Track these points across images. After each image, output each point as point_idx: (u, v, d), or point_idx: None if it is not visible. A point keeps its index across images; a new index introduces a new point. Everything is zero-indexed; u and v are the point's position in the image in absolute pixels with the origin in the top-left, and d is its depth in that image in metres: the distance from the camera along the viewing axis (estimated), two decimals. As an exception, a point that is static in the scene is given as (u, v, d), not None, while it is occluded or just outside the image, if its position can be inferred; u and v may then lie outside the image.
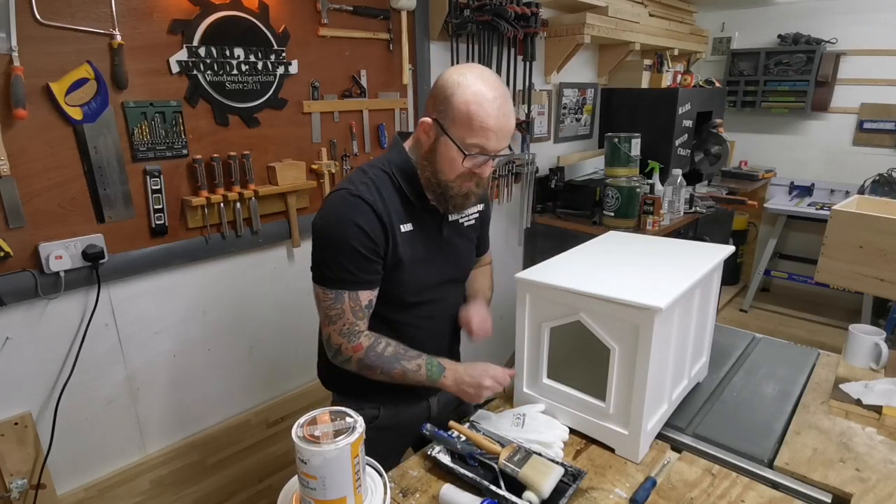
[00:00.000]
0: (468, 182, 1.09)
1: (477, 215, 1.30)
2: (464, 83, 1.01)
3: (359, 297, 1.09)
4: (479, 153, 1.04)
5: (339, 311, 1.08)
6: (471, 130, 1.01)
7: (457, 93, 1.01)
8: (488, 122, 1.00)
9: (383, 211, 1.08)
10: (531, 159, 2.78)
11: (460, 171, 1.06)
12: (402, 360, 1.11)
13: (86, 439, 1.60)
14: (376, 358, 1.10)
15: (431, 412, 1.32)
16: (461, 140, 1.03)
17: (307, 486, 0.79)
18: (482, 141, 1.02)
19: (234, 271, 1.84)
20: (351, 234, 1.05)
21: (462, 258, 1.27)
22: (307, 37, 1.82)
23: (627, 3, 2.94)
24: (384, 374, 1.11)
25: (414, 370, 1.11)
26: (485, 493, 0.97)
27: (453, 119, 1.02)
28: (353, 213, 1.05)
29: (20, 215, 1.36)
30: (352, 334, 1.09)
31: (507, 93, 1.05)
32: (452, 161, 1.05)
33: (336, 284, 1.08)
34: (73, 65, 1.37)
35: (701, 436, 1.16)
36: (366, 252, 1.06)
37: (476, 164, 1.06)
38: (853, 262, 1.65)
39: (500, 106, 1.02)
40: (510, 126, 1.05)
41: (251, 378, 1.97)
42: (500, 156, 1.08)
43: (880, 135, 3.55)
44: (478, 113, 1.00)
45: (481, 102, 1.00)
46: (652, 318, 0.97)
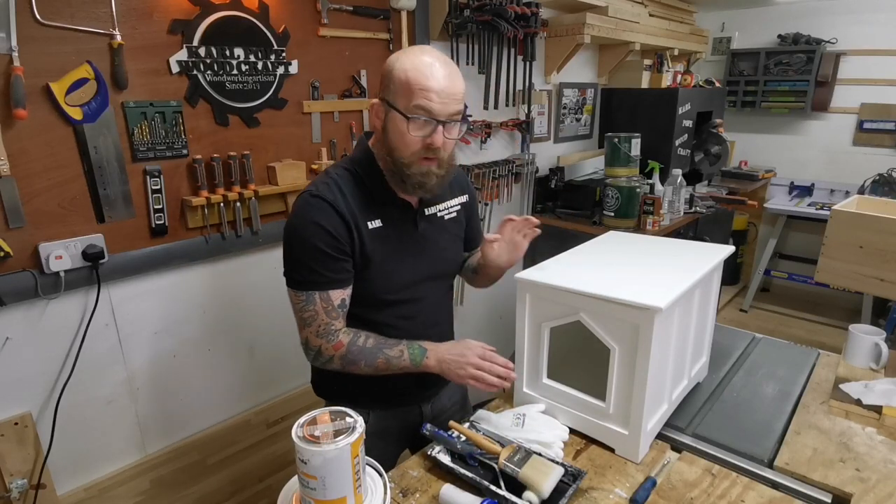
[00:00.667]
0: (425, 160, 1.05)
1: (459, 208, 1.27)
2: (402, 57, 1.03)
3: (330, 296, 1.08)
4: (423, 116, 1.01)
5: (313, 313, 1.08)
6: (411, 94, 1.00)
7: (395, 66, 1.02)
8: (428, 83, 0.99)
9: (345, 209, 1.06)
10: (531, 159, 2.78)
11: (412, 146, 1.03)
12: (384, 348, 1.10)
13: (86, 439, 1.60)
14: (358, 352, 1.09)
15: (425, 418, 1.31)
16: (404, 107, 1.01)
17: (307, 486, 0.79)
18: (423, 102, 1.00)
19: (234, 271, 1.84)
20: (313, 234, 1.05)
21: (444, 254, 1.24)
22: (307, 37, 1.82)
23: (627, 3, 2.94)
24: (368, 366, 1.10)
25: (396, 356, 1.10)
26: (485, 493, 0.97)
27: (395, 90, 1.02)
28: (314, 214, 1.05)
29: (20, 215, 1.36)
30: (329, 333, 1.09)
31: (448, 60, 1.04)
32: (402, 134, 1.03)
33: (306, 286, 1.07)
34: (73, 65, 1.37)
35: (701, 436, 1.16)
36: (330, 251, 1.05)
37: (425, 132, 1.02)
38: (853, 262, 1.65)
39: (440, 68, 1.01)
40: (455, 89, 1.02)
41: (251, 378, 1.97)
42: (450, 121, 1.04)
43: (880, 135, 3.55)
44: (416, 77, 0.99)
45: (418, 66, 1.00)
46: (652, 318, 0.97)
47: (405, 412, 1.28)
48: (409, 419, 1.29)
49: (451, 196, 1.25)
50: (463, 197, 1.28)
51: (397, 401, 1.25)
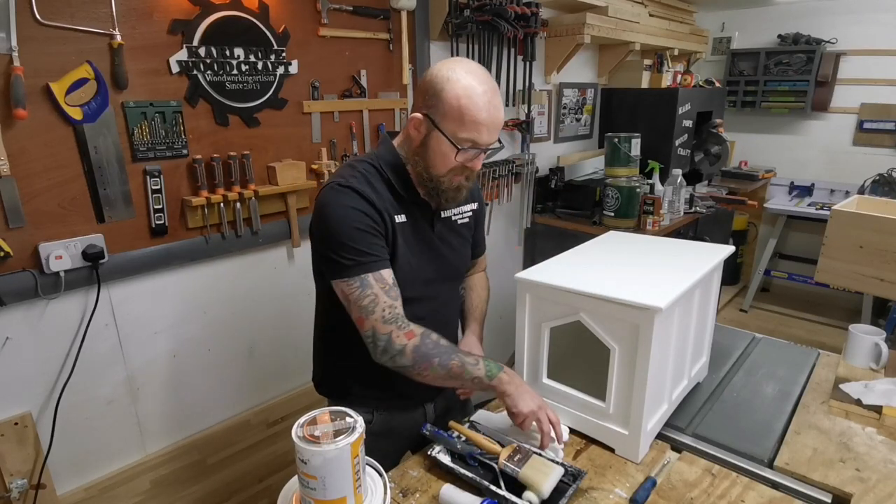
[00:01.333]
0: (459, 176, 1.09)
1: (471, 213, 1.29)
2: (453, 78, 1.01)
3: (383, 275, 1.04)
4: (470, 147, 1.04)
5: (373, 297, 1.02)
6: (462, 125, 1.01)
7: (447, 87, 1.01)
8: (480, 115, 1.00)
9: (375, 199, 1.07)
10: (531, 159, 2.78)
11: (452, 166, 1.06)
12: (459, 352, 1.07)
13: (86, 439, 1.60)
14: (433, 346, 1.05)
15: (428, 418, 1.31)
16: (453, 135, 1.02)
17: (307, 486, 0.79)
18: (474, 135, 1.02)
19: (234, 271, 1.84)
20: (350, 217, 1.04)
21: (455, 256, 1.25)
22: (307, 37, 1.82)
23: (627, 3, 2.94)
24: (441, 366, 1.04)
25: (472, 363, 1.06)
26: (485, 493, 0.97)
27: (444, 114, 1.02)
28: (347, 200, 1.05)
29: (20, 215, 1.36)
30: (397, 319, 1.04)
31: (495, 86, 1.05)
32: (444, 156, 1.05)
33: (355, 270, 1.03)
34: (73, 65, 1.37)
35: (701, 436, 1.16)
36: (369, 230, 1.04)
37: (468, 158, 1.06)
38: (853, 262, 1.65)
39: (491, 99, 1.01)
40: (500, 119, 1.05)
41: (251, 378, 1.97)
42: (490, 149, 1.08)
43: (880, 135, 3.55)
44: (469, 107, 1.00)
45: (472, 97, 1.00)
46: (652, 318, 0.97)
47: (409, 412, 1.28)
48: (413, 419, 1.28)
49: (466, 202, 1.26)
50: (474, 204, 1.30)
51: (400, 401, 1.24)
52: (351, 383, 1.22)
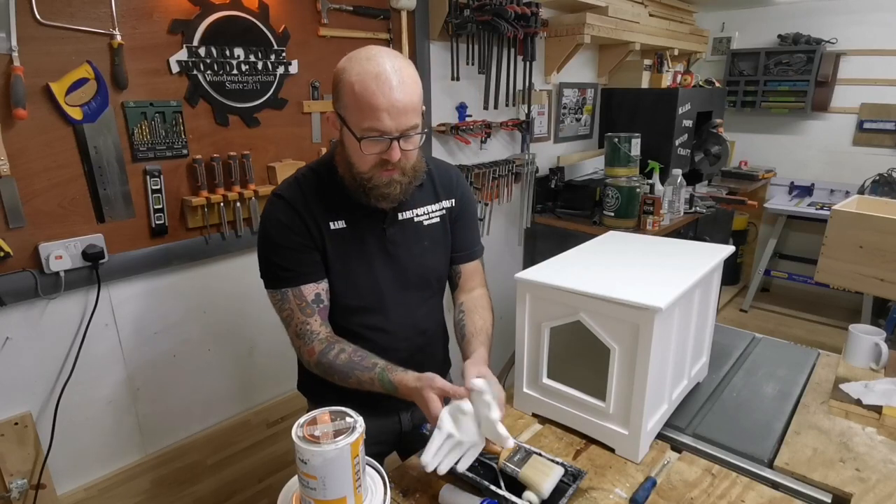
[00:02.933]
0: (386, 171, 1.01)
1: (443, 212, 1.20)
2: (349, 67, 0.95)
3: (301, 292, 1.07)
4: (375, 136, 0.96)
5: (289, 312, 1.08)
6: (361, 113, 0.95)
7: (342, 78, 0.96)
8: (375, 100, 0.93)
9: (302, 207, 1.06)
10: (531, 159, 2.78)
11: (369, 161, 1.00)
12: (356, 370, 1.05)
13: (86, 439, 1.60)
14: (328, 365, 1.06)
15: (403, 427, 1.29)
16: (356, 126, 0.96)
17: (307, 486, 0.79)
18: (374, 122, 0.94)
19: (234, 271, 1.83)
20: (273, 230, 1.06)
21: (419, 261, 1.16)
22: (307, 37, 1.82)
23: (627, 3, 2.93)
24: (342, 381, 1.06)
25: (368, 383, 1.04)
26: (485, 493, 0.97)
27: (345, 105, 0.97)
28: (273, 212, 1.07)
29: (20, 215, 1.36)
30: (305, 335, 1.08)
31: (400, 67, 0.95)
32: (356, 150, 0.99)
33: (277, 283, 1.08)
34: (73, 65, 1.37)
35: (701, 436, 1.16)
36: (291, 245, 1.05)
37: (380, 149, 0.98)
38: (853, 262, 1.66)
39: (388, 79, 0.93)
40: (407, 101, 0.95)
41: (251, 378, 1.97)
42: (406, 136, 0.98)
43: (880, 135, 3.55)
44: (363, 94, 0.93)
45: (364, 82, 0.93)
46: (652, 318, 0.97)
47: (383, 419, 1.25)
48: (387, 426, 1.27)
49: (434, 200, 1.19)
50: (448, 202, 1.21)
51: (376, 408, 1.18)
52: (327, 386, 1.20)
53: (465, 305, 1.24)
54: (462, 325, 1.20)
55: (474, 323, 1.19)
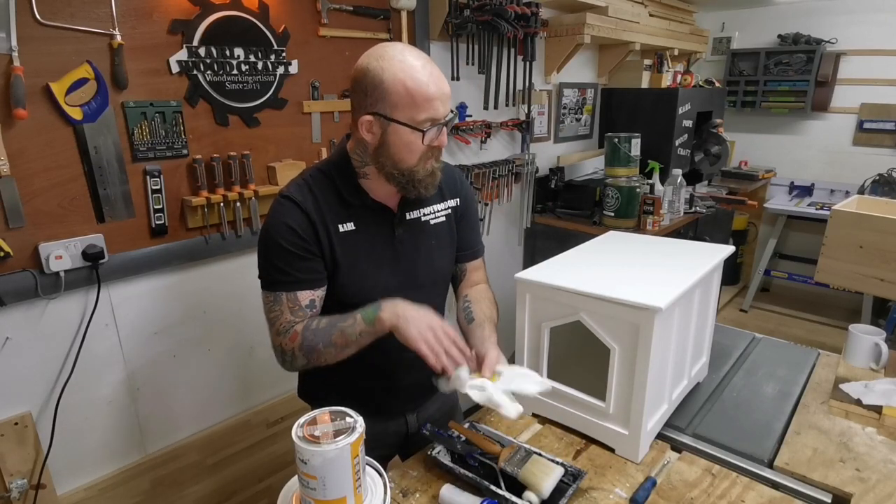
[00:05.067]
0: (430, 160, 1.05)
1: (449, 212, 1.21)
2: (386, 66, 0.97)
3: (297, 297, 1.06)
4: (431, 126, 1.00)
5: (278, 313, 1.06)
6: (416, 107, 0.97)
7: (386, 78, 0.96)
8: (429, 91, 0.97)
9: (313, 210, 1.05)
10: (531, 159, 2.78)
11: (421, 152, 1.02)
12: (338, 322, 1.03)
13: (86, 439, 1.60)
14: (312, 334, 1.04)
15: (409, 428, 1.29)
16: (412, 120, 0.98)
17: (307, 486, 0.79)
18: (431, 113, 0.98)
19: (234, 271, 1.83)
20: (279, 234, 1.04)
21: (427, 261, 1.18)
22: (307, 37, 1.82)
23: (627, 3, 2.93)
24: (326, 346, 1.03)
25: (350, 325, 1.02)
26: (485, 493, 0.97)
27: (395, 104, 0.98)
28: (282, 214, 1.05)
29: (20, 215, 1.36)
30: (287, 331, 1.06)
31: (429, 57, 1.02)
32: (410, 144, 1.00)
33: (273, 286, 1.06)
34: (73, 65, 1.37)
35: (701, 436, 1.16)
36: (296, 250, 1.04)
37: (433, 137, 1.02)
38: (853, 262, 1.65)
39: (431, 71, 0.98)
40: (447, 87, 1.01)
41: (251, 378, 1.97)
42: (449, 121, 1.04)
43: (880, 135, 3.55)
44: (416, 88, 0.96)
45: (414, 76, 0.96)
46: (652, 318, 0.97)
47: (389, 422, 1.26)
48: (393, 428, 1.27)
49: (440, 200, 1.20)
50: (453, 201, 1.23)
51: (378, 411, 1.20)
52: (329, 390, 1.20)
53: (470, 296, 1.24)
54: (469, 312, 1.20)
55: (482, 310, 1.20)
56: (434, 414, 1.33)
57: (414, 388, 1.25)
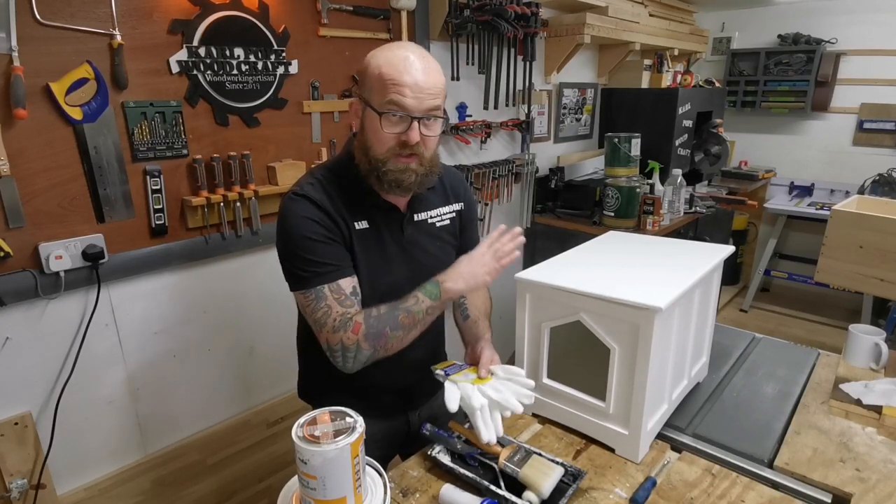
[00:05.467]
0: (403, 158, 1.02)
1: (454, 215, 1.23)
2: (378, 52, 1.01)
3: (339, 286, 1.03)
4: (396, 112, 0.97)
5: (326, 309, 1.02)
6: (384, 89, 0.97)
7: (370, 62, 1.00)
8: (401, 77, 0.96)
9: (331, 207, 1.05)
10: (531, 159, 2.78)
11: (387, 142, 1.00)
12: (399, 304, 1.04)
13: (86, 439, 1.60)
14: (377, 321, 1.02)
15: (411, 427, 1.29)
16: (378, 103, 0.98)
17: (307, 486, 0.79)
18: (396, 97, 0.96)
19: (235, 271, 1.84)
20: (303, 227, 1.02)
21: (433, 261, 1.18)
22: (307, 37, 1.82)
23: (627, 3, 2.94)
24: (394, 329, 1.02)
25: (413, 304, 1.03)
26: (485, 493, 0.97)
27: (370, 87, 0.99)
28: (300, 209, 1.04)
29: (20, 215, 1.36)
30: (345, 323, 1.01)
31: (426, 54, 1.01)
32: (376, 131, 1.00)
33: (311, 282, 1.02)
34: (73, 65, 1.37)
35: (701, 436, 1.16)
36: (323, 240, 1.03)
37: (399, 128, 0.99)
38: (853, 262, 1.66)
39: (414, 62, 0.97)
40: (431, 83, 0.98)
41: (251, 378, 1.97)
42: (426, 118, 1.00)
43: (880, 135, 3.55)
44: (389, 72, 0.97)
45: (392, 62, 0.97)
46: (652, 318, 0.97)
47: (391, 421, 1.26)
48: (394, 427, 1.28)
49: (445, 203, 1.21)
50: (458, 205, 1.24)
51: (380, 411, 1.21)
52: (329, 391, 1.20)
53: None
54: (464, 308, 1.26)
55: (477, 306, 1.26)
56: (435, 413, 1.33)
57: (415, 387, 1.26)
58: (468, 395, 1.02)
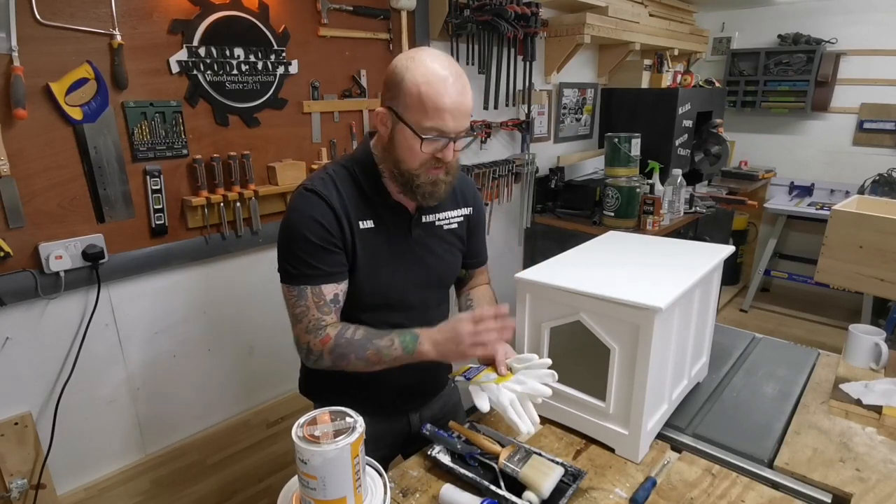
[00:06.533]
0: (434, 170, 1.03)
1: (462, 219, 1.23)
2: (412, 66, 0.98)
3: (322, 291, 1.06)
4: (436, 136, 0.99)
5: (304, 308, 1.06)
6: (425, 113, 0.97)
7: (406, 76, 0.98)
8: (442, 101, 0.96)
9: (338, 204, 1.06)
10: (531, 159, 2.78)
11: (422, 158, 1.02)
12: (374, 339, 1.04)
13: (86, 439, 1.60)
14: (346, 344, 1.04)
15: (412, 428, 1.29)
16: (417, 124, 0.98)
17: (307, 486, 0.79)
18: (438, 123, 0.97)
19: (234, 271, 1.84)
20: (305, 226, 1.04)
21: (439, 263, 1.20)
22: (307, 37, 1.82)
23: (627, 3, 2.93)
24: (359, 359, 1.05)
25: (387, 346, 1.04)
26: (485, 493, 0.97)
27: (406, 104, 0.98)
28: (307, 207, 1.05)
29: (20, 215, 1.36)
30: (318, 329, 1.06)
31: (460, 71, 1.00)
32: (411, 148, 1.01)
33: (297, 280, 1.05)
34: (73, 65, 1.37)
35: (701, 436, 1.16)
36: (322, 243, 1.04)
37: (436, 148, 1.01)
38: (853, 262, 1.66)
39: (453, 84, 0.97)
40: (467, 104, 1.00)
41: (251, 378, 1.97)
42: (460, 138, 1.02)
43: (880, 135, 3.55)
44: (430, 94, 0.96)
45: (432, 83, 0.96)
46: (652, 318, 0.97)
47: (392, 422, 1.27)
48: (395, 427, 1.28)
49: (454, 207, 1.22)
50: (466, 209, 1.24)
51: (381, 410, 1.21)
52: (332, 384, 1.20)
53: (472, 293, 1.31)
54: (471, 308, 1.26)
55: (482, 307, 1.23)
56: (436, 413, 1.33)
57: (416, 387, 1.26)
58: (495, 395, 1.01)
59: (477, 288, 1.33)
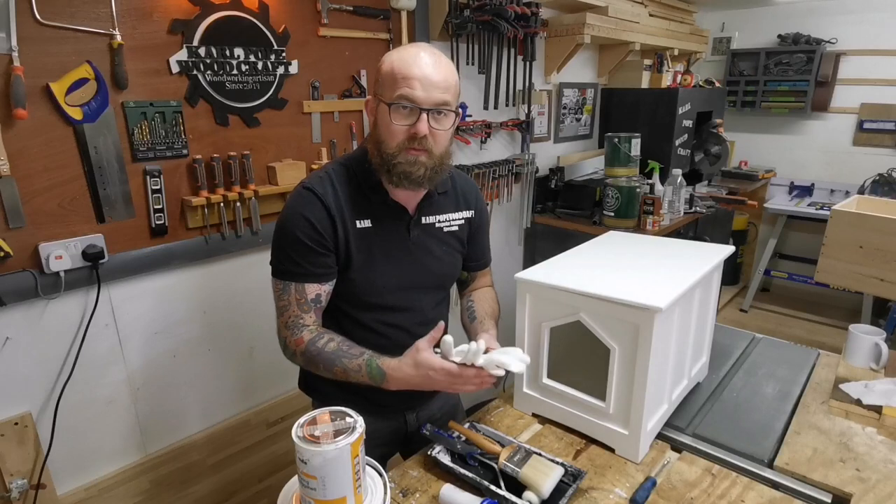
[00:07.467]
0: (413, 150, 1.02)
1: (463, 222, 1.23)
2: (392, 52, 1.04)
3: (304, 289, 1.07)
4: (405, 104, 0.99)
5: (286, 303, 1.08)
6: (395, 83, 1.00)
7: (385, 60, 1.04)
8: (410, 70, 0.99)
9: (333, 203, 1.06)
10: (531, 159, 2.78)
11: (397, 136, 1.01)
12: (344, 357, 1.04)
13: (86, 439, 1.60)
14: (317, 353, 1.05)
15: (409, 427, 1.29)
16: (389, 96, 1.01)
17: (307, 486, 0.79)
18: (405, 90, 0.99)
19: (234, 271, 1.84)
20: (297, 225, 1.05)
21: (437, 265, 1.19)
22: (307, 37, 1.82)
23: (627, 3, 2.94)
24: (326, 370, 1.05)
25: (355, 371, 1.03)
26: (485, 493, 0.97)
27: (383, 83, 1.03)
28: (302, 205, 1.06)
29: (20, 215, 1.36)
30: (295, 327, 1.08)
31: (439, 53, 1.04)
32: (387, 125, 1.02)
33: (284, 275, 1.08)
34: (73, 65, 1.37)
35: (701, 436, 1.16)
36: (311, 244, 1.05)
37: (409, 121, 1.01)
38: (853, 262, 1.66)
39: (424, 58, 1.00)
40: (441, 76, 1.01)
41: (251, 378, 1.97)
42: (434, 109, 1.00)
43: (880, 135, 3.55)
44: (399, 66, 1.00)
45: (404, 58, 1.01)
46: (652, 318, 0.97)
47: (388, 420, 1.27)
48: (393, 427, 1.28)
49: (455, 209, 1.22)
50: (468, 212, 1.24)
51: (378, 410, 1.21)
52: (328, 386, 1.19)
53: (474, 295, 1.31)
54: (472, 311, 1.26)
55: (483, 308, 1.26)
56: (435, 413, 1.33)
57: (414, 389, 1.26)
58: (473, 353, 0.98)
59: (479, 290, 1.33)
